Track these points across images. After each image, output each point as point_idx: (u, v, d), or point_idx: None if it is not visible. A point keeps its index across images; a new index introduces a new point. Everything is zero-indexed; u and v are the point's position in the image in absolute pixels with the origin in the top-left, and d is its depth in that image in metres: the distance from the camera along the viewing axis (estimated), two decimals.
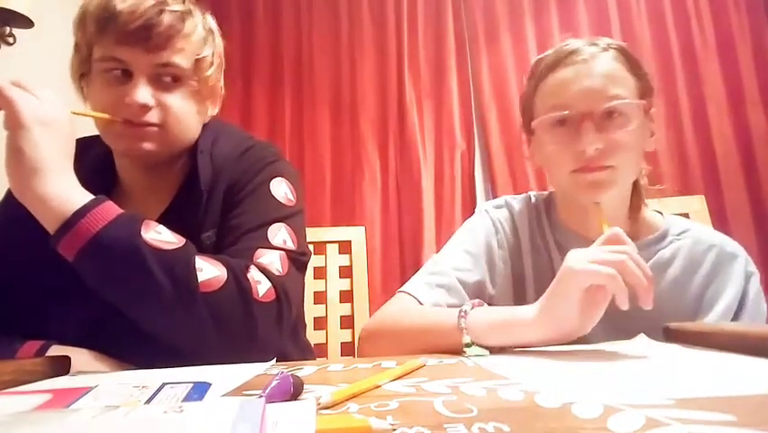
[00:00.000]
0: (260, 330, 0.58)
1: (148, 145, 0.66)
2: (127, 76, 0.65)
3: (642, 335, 0.60)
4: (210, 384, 0.39)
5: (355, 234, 1.22)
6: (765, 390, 0.31)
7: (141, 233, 0.55)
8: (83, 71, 0.68)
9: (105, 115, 0.64)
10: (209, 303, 0.55)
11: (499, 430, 0.25)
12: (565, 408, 0.29)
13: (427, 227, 2.10)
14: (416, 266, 2.10)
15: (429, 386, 0.37)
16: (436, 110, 2.25)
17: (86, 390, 0.38)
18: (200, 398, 0.36)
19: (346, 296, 1.18)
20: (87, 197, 0.55)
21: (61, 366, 0.52)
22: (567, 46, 0.71)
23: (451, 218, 2.14)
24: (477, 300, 0.62)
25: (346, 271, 1.20)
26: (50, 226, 0.54)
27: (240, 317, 0.57)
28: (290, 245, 0.66)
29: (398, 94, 2.24)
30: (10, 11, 1.15)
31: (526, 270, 0.78)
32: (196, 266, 0.56)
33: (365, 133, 2.21)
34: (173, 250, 0.56)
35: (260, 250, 0.63)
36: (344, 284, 1.19)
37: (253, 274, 0.59)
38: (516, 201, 0.84)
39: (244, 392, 0.37)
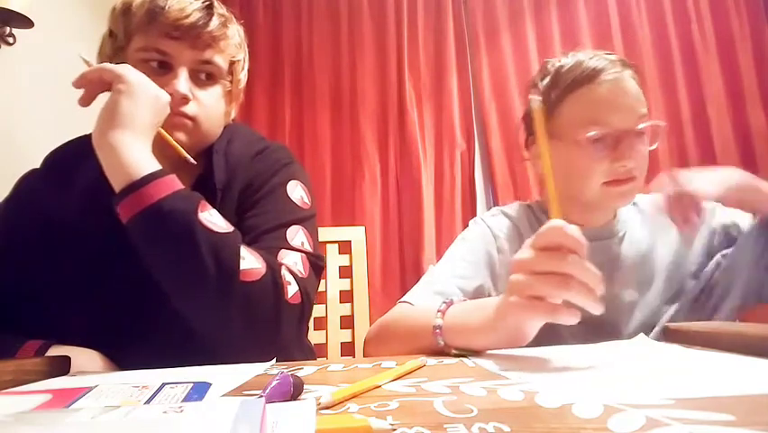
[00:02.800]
0: (284, 330, 0.59)
1: (180, 136, 0.67)
2: (164, 68, 0.67)
3: (641, 335, 0.60)
4: (210, 384, 0.39)
5: (355, 234, 1.22)
6: (765, 390, 0.31)
7: (198, 210, 0.56)
8: (118, 60, 0.68)
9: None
10: (245, 292, 0.55)
11: (499, 430, 0.25)
12: (565, 408, 0.29)
13: (427, 227, 2.11)
14: (416, 266, 2.11)
15: (429, 386, 0.37)
16: (436, 110, 2.25)
17: (86, 390, 0.38)
18: (200, 398, 0.36)
19: (346, 296, 1.18)
20: (158, 165, 0.57)
21: (61, 366, 0.52)
22: (591, 61, 0.73)
23: (451, 218, 2.14)
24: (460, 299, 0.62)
25: (346, 271, 1.20)
26: (118, 182, 0.56)
27: (270, 313, 0.57)
28: (308, 248, 0.67)
29: (398, 94, 2.24)
30: (10, 11, 1.15)
31: None
32: (240, 254, 0.56)
33: (365, 133, 2.21)
34: (223, 234, 0.57)
35: (283, 250, 0.63)
36: (344, 284, 1.19)
37: (284, 274, 0.60)
38: (511, 209, 0.86)
39: (244, 392, 0.37)
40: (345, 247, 1.21)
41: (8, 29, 1.22)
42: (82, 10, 1.53)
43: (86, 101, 0.61)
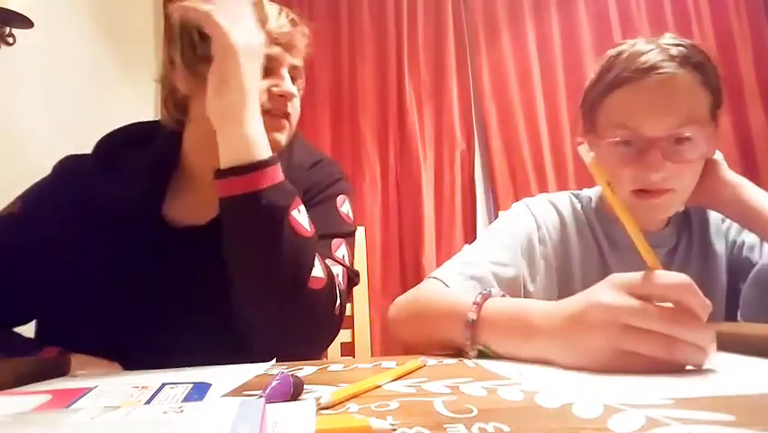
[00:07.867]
0: (331, 337, 0.61)
1: (280, 137, 0.68)
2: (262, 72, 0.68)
3: None
4: (210, 384, 0.39)
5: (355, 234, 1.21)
6: (765, 390, 0.31)
7: (291, 208, 0.56)
8: (199, 69, 0.67)
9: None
10: (309, 299, 0.56)
11: (499, 430, 0.25)
12: (565, 408, 0.29)
13: (427, 227, 2.10)
14: (416, 266, 2.11)
15: (429, 386, 0.37)
16: (436, 110, 2.25)
17: (86, 390, 0.38)
18: (200, 398, 0.36)
19: None
20: (268, 149, 0.57)
21: (61, 366, 0.52)
22: (643, 58, 0.66)
23: (451, 218, 2.14)
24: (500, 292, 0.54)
25: None
26: (228, 157, 0.55)
27: (326, 321, 0.59)
28: (347, 262, 0.68)
29: (398, 94, 2.24)
30: (10, 11, 1.15)
31: (573, 263, 0.76)
32: (314, 261, 0.57)
33: (365, 133, 2.21)
34: (305, 238, 0.57)
35: (327, 260, 0.64)
36: None
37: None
38: (558, 198, 0.83)
39: (244, 392, 0.37)
40: None
41: (8, 29, 1.22)
42: (82, 10, 1.53)
43: None
